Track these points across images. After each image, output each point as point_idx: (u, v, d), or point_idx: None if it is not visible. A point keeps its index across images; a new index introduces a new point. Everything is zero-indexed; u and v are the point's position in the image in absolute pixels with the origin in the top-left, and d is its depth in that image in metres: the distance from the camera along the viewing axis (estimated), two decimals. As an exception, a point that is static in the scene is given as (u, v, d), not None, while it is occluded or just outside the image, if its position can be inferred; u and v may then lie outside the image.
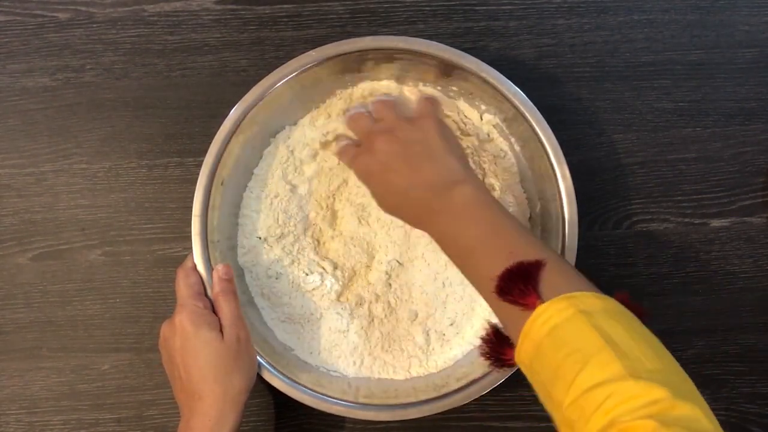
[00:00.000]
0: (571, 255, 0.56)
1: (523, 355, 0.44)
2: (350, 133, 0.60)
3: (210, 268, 0.57)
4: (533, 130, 0.58)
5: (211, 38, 0.66)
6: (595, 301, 0.42)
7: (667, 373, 0.39)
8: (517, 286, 0.44)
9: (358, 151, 0.57)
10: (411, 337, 0.61)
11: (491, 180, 0.62)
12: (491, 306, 0.48)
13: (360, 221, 0.62)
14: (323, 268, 0.61)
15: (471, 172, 0.54)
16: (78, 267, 0.64)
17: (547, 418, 0.44)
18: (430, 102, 0.59)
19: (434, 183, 0.52)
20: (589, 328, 0.40)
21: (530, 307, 0.43)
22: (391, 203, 0.55)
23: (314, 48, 0.58)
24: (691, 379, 0.39)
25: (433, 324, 0.61)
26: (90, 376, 0.63)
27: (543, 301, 0.43)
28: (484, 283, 0.47)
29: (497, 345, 0.49)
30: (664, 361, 0.40)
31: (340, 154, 0.60)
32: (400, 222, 0.60)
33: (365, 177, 0.56)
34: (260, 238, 0.61)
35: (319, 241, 0.62)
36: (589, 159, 0.66)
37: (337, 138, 0.61)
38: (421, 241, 0.61)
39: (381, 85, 0.62)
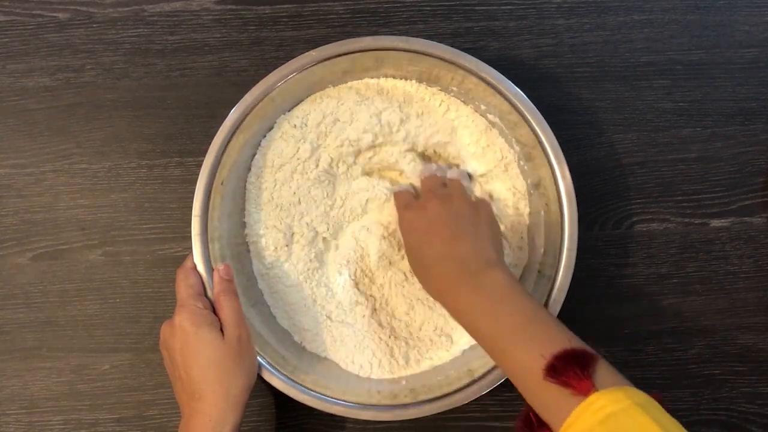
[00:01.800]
0: (571, 255, 0.56)
1: None
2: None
3: (210, 268, 0.57)
4: (533, 130, 0.58)
5: (211, 38, 0.66)
6: (645, 397, 0.43)
7: None
8: (573, 370, 0.44)
9: (411, 202, 0.59)
10: (414, 337, 0.61)
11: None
12: (528, 387, 0.47)
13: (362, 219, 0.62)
14: (327, 267, 0.61)
15: (504, 263, 0.55)
16: (78, 267, 0.64)
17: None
18: (488, 201, 0.61)
19: (469, 260, 0.52)
20: (648, 420, 0.41)
21: (584, 392, 0.43)
22: (421, 266, 0.55)
23: (314, 48, 0.58)
24: (693, 380, 0.39)
25: (433, 324, 0.61)
26: (90, 376, 0.63)
27: (597, 389, 0.43)
28: (524, 364, 0.46)
29: (536, 426, 0.47)
30: None
31: (397, 196, 0.61)
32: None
33: (407, 229, 0.57)
34: (264, 239, 0.61)
35: (324, 240, 0.62)
36: (589, 159, 0.66)
37: (398, 185, 0.62)
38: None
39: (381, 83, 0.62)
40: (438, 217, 0.55)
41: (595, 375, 0.44)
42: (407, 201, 0.60)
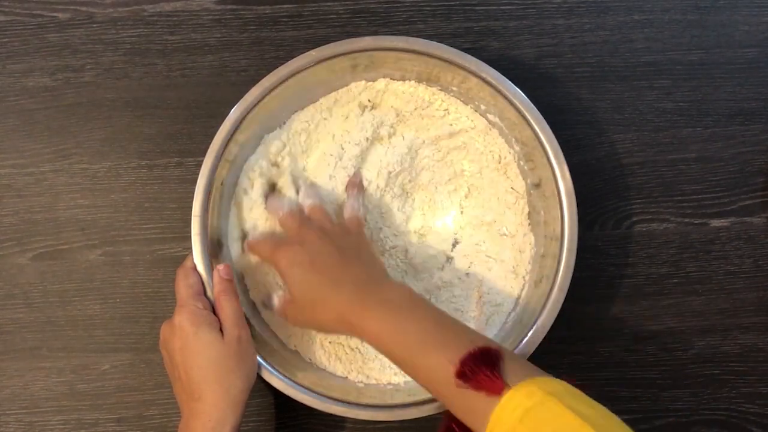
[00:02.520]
0: (571, 255, 0.56)
1: None
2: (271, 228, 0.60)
3: (210, 268, 0.57)
4: (533, 130, 0.58)
5: (211, 38, 0.66)
6: (556, 384, 0.43)
7: None
8: (483, 372, 0.44)
9: (281, 240, 0.56)
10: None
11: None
12: (443, 395, 0.47)
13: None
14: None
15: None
16: (78, 267, 0.64)
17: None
18: (357, 196, 0.59)
19: (364, 279, 0.52)
20: (563, 409, 0.41)
21: (497, 392, 0.43)
22: (312, 298, 0.53)
23: (314, 48, 0.58)
24: (693, 380, 0.40)
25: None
26: (90, 376, 0.63)
27: (509, 387, 0.43)
28: (435, 372, 0.46)
29: None
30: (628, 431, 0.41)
31: (257, 244, 0.58)
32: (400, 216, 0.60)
33: (288, 267, 0.54)
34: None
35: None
36: (589, 159, 0.66)
37: (252, 236, 0.59)
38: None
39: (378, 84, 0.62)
40: (320, 246, 0.54)
41: (505, 371, 0.44)
42: (272, 242, 0.56)
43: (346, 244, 0.55)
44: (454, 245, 0.63)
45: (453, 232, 0.63)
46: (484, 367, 0.44)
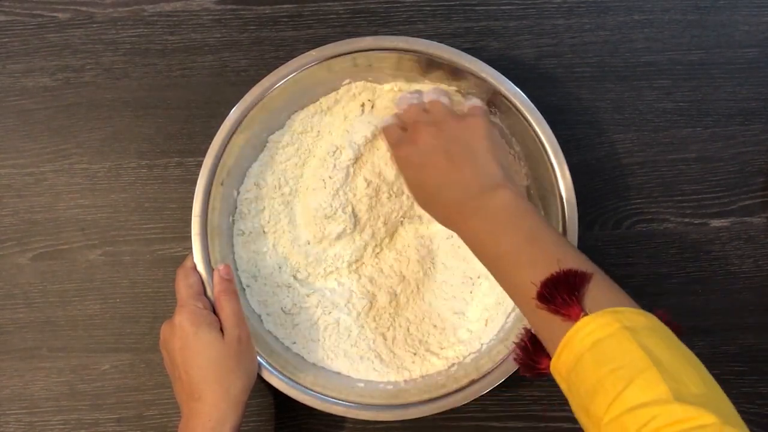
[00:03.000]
0: (571, 255, 0.56)
1: (560, 365, 0.43)
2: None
3: (210, 268, 0.57)
4: (533, 130, 0.58)
5: (211, 38, 0.66)
6: (639, 318, 0.42)
7: (713, 398, 0.38)
8: (561, 295, 0.43)
9: (402, 137, 0.57)
10: (413, 339, 0.61)
11: None
12: (526, 312, 0.47)
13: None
14: (322, 271, 0.61)
15: (511, 179, 0.53)
16: (78, 267, 0.64)
17: (547, 418, 0.45)
18: (480, 108, 0.58)
19: (471, 185, 0.52)
20: (635, 345, 0.39)
21: (573, 318, 0.42)
22: (425, 197, 0.55)
23: (314, 48, 0.58)
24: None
25: (431, 325, 0.61)
26: (90, 376, 0.63)
27: (586, 314, 0.42)
28: (521, 289, 0.46)
29: (532, 352, 0.47)
30: (708, 384, 0.39)
31: (386, 131, 0.59)
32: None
33: (404, 166, 0.56)
34: (257, 236, 0.61)
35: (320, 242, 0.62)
36: (589, 159, 0.66)
37: (385, 120, 0.60)
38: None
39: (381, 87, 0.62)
40: (431, 149, 0.54)
41: (586, 297, 0.43)
42: (396, 137, 0.57)
43: (461, 143, 0.53)
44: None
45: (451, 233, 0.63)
46: (563, 290, 0.43)
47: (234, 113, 0.58)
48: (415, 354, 0.61)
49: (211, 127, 0.58)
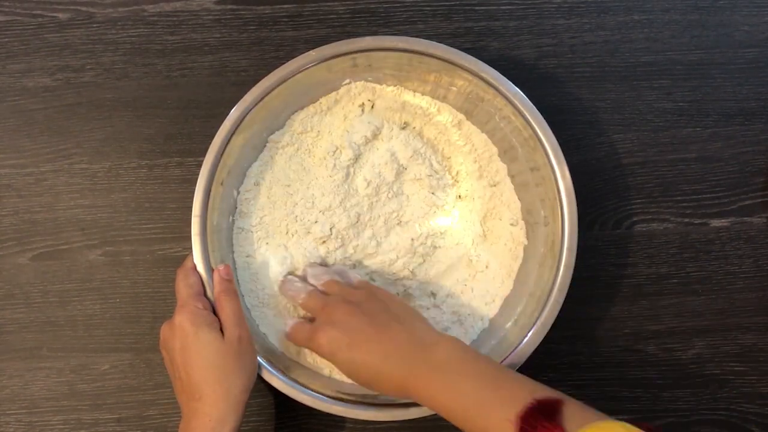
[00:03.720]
0: (571, 255, 0.56)
1: None
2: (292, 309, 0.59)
3: (210, 268, 0.57)
4: (533, 130, 0.58)
5: (211, 38, 0.66)
6: (618, 428, 0.42)
7: None
8: (541, 424, 0.43)
9: (314, 326, 0.54)
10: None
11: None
12: None
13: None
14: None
15: (439, 330, 0.53)
16: (78, 267, 0.64)
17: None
18: (366, 281, 0.58)
19: (407, 344, 0.50)
20: None
21: None
22: (367, 376, 0.52)
23: (314, 48, 0.58)
24: (693, 380, 0.39)
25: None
26: (90, 376, 0.63)
27: None
28: (497, 430, 0.45)
29: None
30: None
31: (294, 331, 0.56)
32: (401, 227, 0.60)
33: (330, 353, 0.52)
34: (255, 237, 0.61)
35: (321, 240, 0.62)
36: (589, 159, 0.66)
37: (287, 324, 0.58)
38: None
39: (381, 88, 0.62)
40: (355, 324, 0.52)
41: (565, 420, 0.43)
42: (307, 329, 0.54)
43: (375, 308, 0.53)
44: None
45: (447, 229, 0.63)
46: (543, 419, 0.43)
47: (234, 113, 0.58)
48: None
49: (211, 127, 0.58)
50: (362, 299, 0.54)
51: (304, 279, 0.59)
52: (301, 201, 0.61)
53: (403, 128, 0.63)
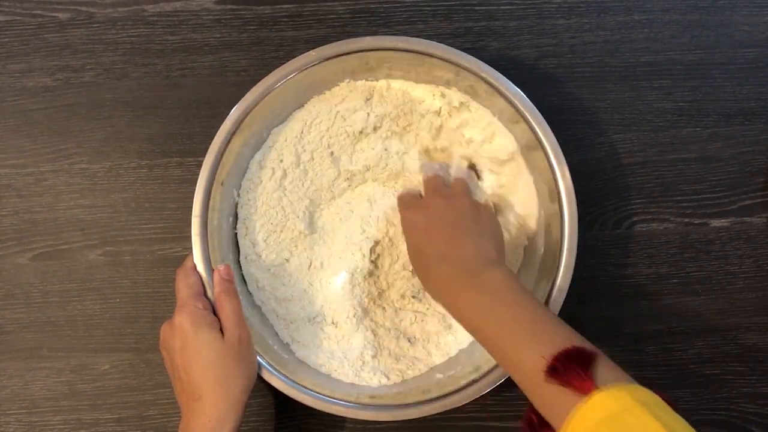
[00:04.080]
0: (571, 255, 0.56)
1: None
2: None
3: (210, 268, 0.57)
4: (533, 130, 0.58)
5: (211, 38, 0.66)
6: (649, 395, 0.43)
7: None
8: (574, 369, 0.43)
9: (413, 202, 0.59)
10: (411, 340, 0.61)
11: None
12: (528, 386, 0.47)
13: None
14: (322, 269, 0.61)
15: (504, 263, 0.54)
16: (78, 267, 0.64)
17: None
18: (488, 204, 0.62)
19: (469, 260, 0.52)
20: (651, 418, 0.40)
21: (585, 391, 0.42)
22: (423, 264, 0.55)
23: (314, 48, 0.58)
24: (693, 380, 0.39)
25: (430, 324, 0.61)
26: (90, 376, 0.63)
27: (599, 388, 0.42)
28: (525, 364, 0.46)
29: (538, 427, 0.47)
30: None
31: (400, 198, 0.61)
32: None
33: (408, 228, 0.57)
34: (258, 237, 0.61)
35: (320, 239, 0.62)
36: (589, 159, 0.66)
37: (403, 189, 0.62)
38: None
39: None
40: (439, 216, 0.55)
41: (597, 373, 0.44)
42: (408, 201, 0.60)
43: (468, 220, 0.55)
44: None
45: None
46: (576, 365, 0.44)
47: (234, 113, 0.58)
48: (411, 357, 0.61)
49: (211, 127, 0.58)
50: (464, 203, 0.56)
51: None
52: (297, 200, 0.61)
53: (402, 126, 0.63)
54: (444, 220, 0.54)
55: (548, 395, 0.45)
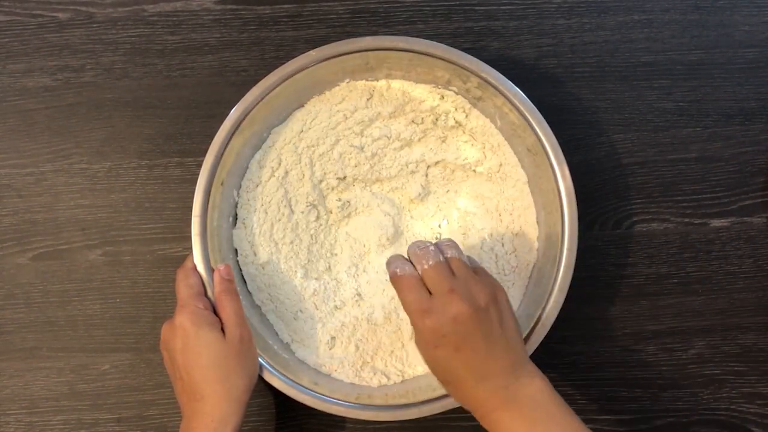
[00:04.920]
0: (571, 255, 0.56)
1: None
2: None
3: (210, 268, 0.57)
4: (533, 130, 0.58)
5: (211, 38, 0.66)
6: None
7: None
8: None
9: (428, 303, 0.48)
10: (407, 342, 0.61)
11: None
12: None
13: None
14: (322, 270, 0.61)
15: (529, 360, 0.51)
16: (78, 267, 0.64)
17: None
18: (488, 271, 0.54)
19: (507, 374, 0.48)
20: None
21: None
22: (454, 382, 0.50)
23: (314, 48, 0.58)
24: (693, 380, 0.38)
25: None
26: (90, 376, 0.63)
27: None
28: None
29: None
30: None
31: (405, 283, 0.50)
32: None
33: (432, 341, 0.49)
34: (258, 237, 0.61)
35: (316, 239, 0.62)
36: (589, 159, 0.66)
37: (392, 263, 0.51)
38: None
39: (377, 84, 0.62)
40: (470, 329, 0.48)
41: None
42: (419, 298, 0.49)
43: (495, 321, 0.49)
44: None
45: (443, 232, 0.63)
46: None
47: (234, 113, 0.58)
48: (411, 358, 0.61)
49: (211, 127, 0.58)
50: (484, 303, 0.49)
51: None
52: (297, 200, 0.61)
53: (401, 125, 0.63)
54: (475, 334, 0.48)
55: None
